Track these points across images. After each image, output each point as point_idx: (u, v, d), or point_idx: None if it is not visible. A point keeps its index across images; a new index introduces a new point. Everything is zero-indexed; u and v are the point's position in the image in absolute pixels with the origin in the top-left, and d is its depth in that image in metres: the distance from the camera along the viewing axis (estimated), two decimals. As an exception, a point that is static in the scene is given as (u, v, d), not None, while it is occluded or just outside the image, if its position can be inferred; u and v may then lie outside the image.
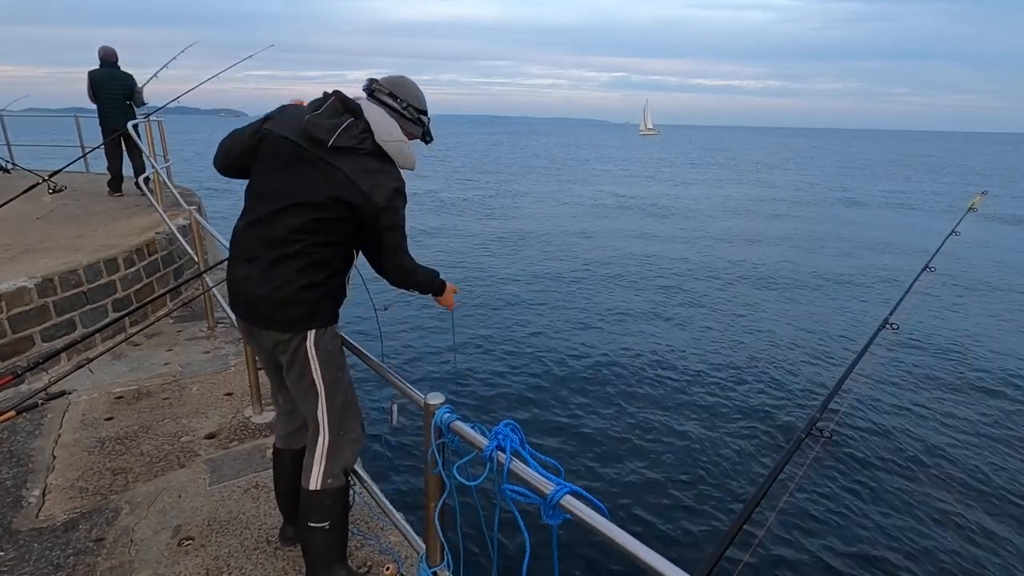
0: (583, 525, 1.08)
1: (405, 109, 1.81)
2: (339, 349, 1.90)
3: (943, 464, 5.05)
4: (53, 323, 3.77)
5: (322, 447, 1.84)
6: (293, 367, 1.81)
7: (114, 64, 6.82)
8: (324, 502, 1.84)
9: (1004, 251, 14.46)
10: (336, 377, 1.86)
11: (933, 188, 31.35)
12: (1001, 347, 7.97)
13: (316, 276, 1.74)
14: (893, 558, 3.90)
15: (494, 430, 1.29)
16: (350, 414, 1.91)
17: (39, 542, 2.27)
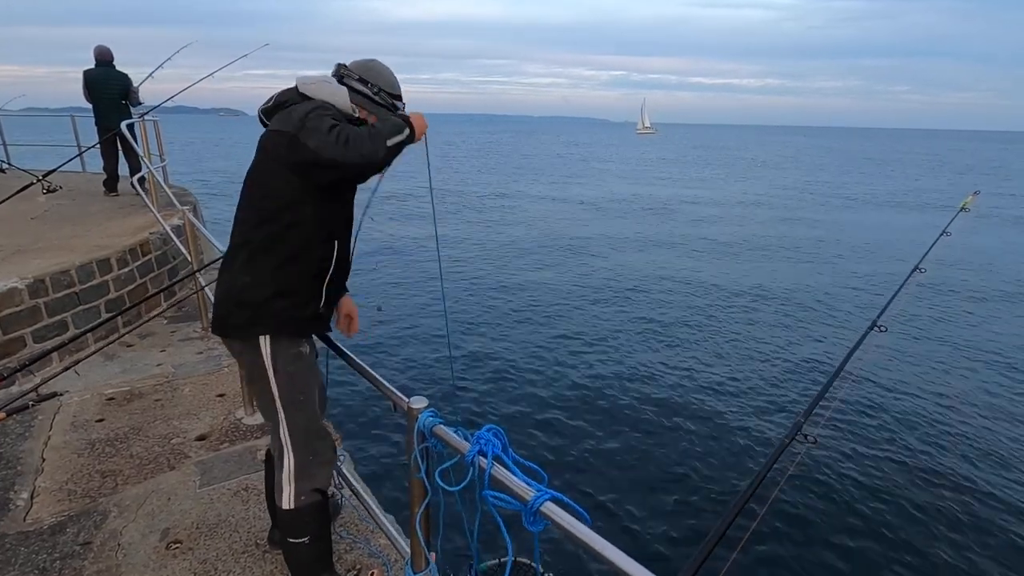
0: (567, 534, 1.06)
1: (377, 94, 1.69)
2: (304, 369, 1.71)
3: (930, 466, 5.04)
4: (44, 324, 3.75)
5: (288, 469, 1.73)
6: (252, 380, 1.71)
7: (109, 63, 6.81)
8: (300, 520, 1.76)
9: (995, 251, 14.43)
10: (297, 401, 1.69)
11: (930, 186, 31.35)
12: (990, 348, 7.95)
13: (259, 269, 1.58)
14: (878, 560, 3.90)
15: (476, 435, 1.28)
16: (317, 438, 1.78)
17: (25, 546, 2.25)
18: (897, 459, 5.13)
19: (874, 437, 5.47)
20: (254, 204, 1.60)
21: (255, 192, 1.61)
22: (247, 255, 1.59)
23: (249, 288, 1.58)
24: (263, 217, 1.57)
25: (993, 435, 5.57)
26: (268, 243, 1.57)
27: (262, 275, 1.58)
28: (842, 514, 4.35)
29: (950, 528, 4.26)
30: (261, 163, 1.60)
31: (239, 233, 1.63)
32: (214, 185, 25.16)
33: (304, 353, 1.71)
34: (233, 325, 1.63)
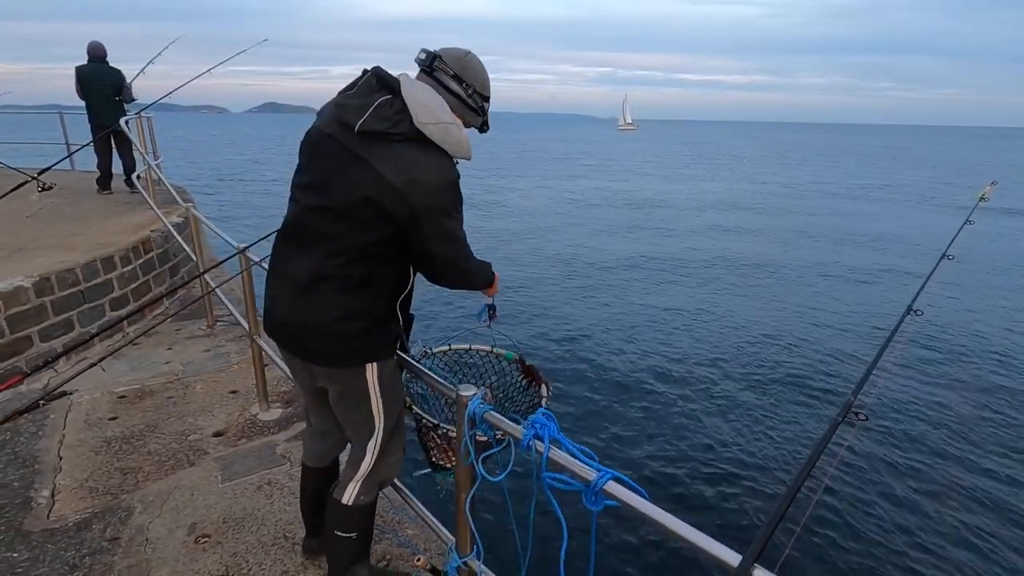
0: (628, 510, 1.10)
1: (471, 96, 1.53)
2: (400, 379, 1.76)
3: (976, 440, 5.33)
4: (51, 323, 3.71)
5: (364, 470, 1.75)
6: (345, 398, 1.68)
7: (102, 59, 6.70)
8: (354, 516, 1.79)
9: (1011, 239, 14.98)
10: (394, 409, 1.74)
11: (930, 181, 31.89)
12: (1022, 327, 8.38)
13: (354, 302, 1.51)
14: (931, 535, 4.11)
15: (530, 419, 1.31)
16: (397, 436, 1.82)
17: (52, 543, 2.25)
18: (944, 434, 5.43)
19: (920, 414, 5.79)
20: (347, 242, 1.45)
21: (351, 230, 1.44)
22: (340, 287, 1.49)
23: (343, 321, 1.52)
24: (361, 253, 1.46)
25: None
26: (364, 279, 1.50)
27: (358, 307, 1.52)
28: (896, 486, 4.59)
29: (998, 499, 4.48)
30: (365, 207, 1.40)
31: (326, 265, 1.48)
32: (206, 183, 24.93)
33: (396, 365, 1.73)
34: (328, 355, 1.58)
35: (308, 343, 1.58)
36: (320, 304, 1.52)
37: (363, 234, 1.44)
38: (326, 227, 1.47)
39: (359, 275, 1.49)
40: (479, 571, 1.61)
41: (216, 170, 31.04)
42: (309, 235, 1.51)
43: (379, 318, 1.58)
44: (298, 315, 1.55)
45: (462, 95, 1.52)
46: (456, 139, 1.44)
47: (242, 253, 2.92)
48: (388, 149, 1.39)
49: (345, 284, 1.49)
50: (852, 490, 4.49)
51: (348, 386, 1.65)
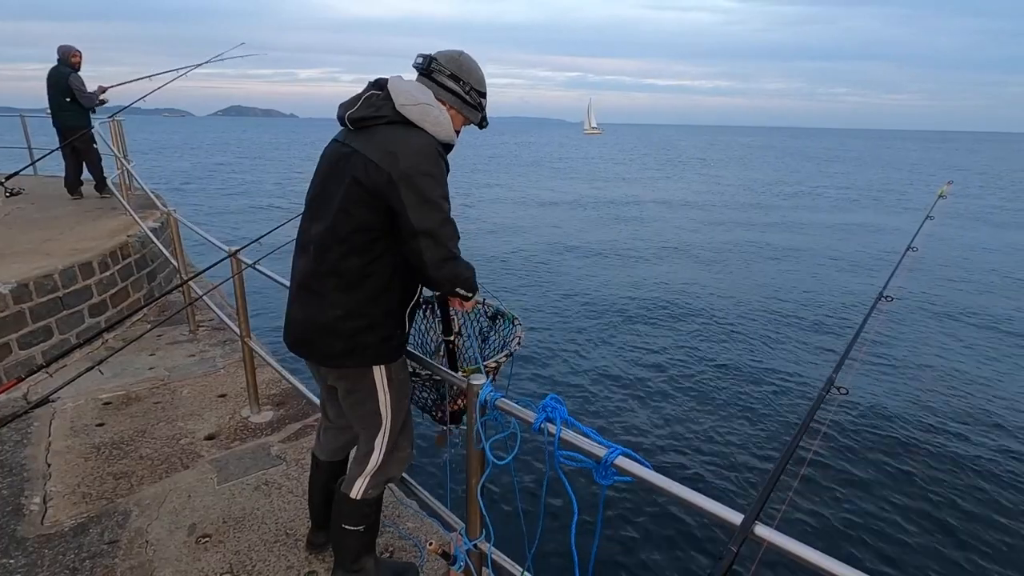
0: (640, 483, 1.20)
1: (468, 93, 1.58)
2: (406, 375, 1.78)
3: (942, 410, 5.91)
4: (29, 330, 3.64)
5: (373, 466, 1.78)
6: (353, 395, 1.71)
7: (61, 61, 6.45)
8: (362, 510, 1.83)
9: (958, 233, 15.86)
10: (402, 405, 1.77)
11: (888, 183, 33.17)
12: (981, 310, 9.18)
13: (355, 300, 1.54)
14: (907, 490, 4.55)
15: (541, 404, 1.40)
16: (405, 434, 1.85)
17: (49, 548, 2.24)
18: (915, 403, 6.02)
19: (894, 387, 6.37)
20: (341, 233, 1.49)
21: (344, 220, 1.48)
22: (339, 284, 1.53)
23: (343, 319, 1.55)
24: (353, 244, 1.49)
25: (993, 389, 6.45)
26: (361, 273, 1.52)
27: (357, 305, 1.54)
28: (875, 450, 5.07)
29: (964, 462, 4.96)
30: (352, 189, 1.46)
31: (324, 261, 1.53)
32: (176, 187, 24.34)
33: (404, 377, 1.76)
34: (329, 353, 1.61)
35: (312, 341, 1.62)
36: (321, 301, 1.56)
37: (353, 220, 1.47)
38: (324, 224, 1.53)
39: (356, 269, 1.51)
40: (489, 552, 1.68)
41: (185, 173, 30.35)
42: (312, 237, 1.57)
43: (381, 321, 1.59)
44: (302, 313, 1.61)
45: (460, 93, 1.57)
46: (435, 119, 1.48)
47: (234, 256, 2.93)
48: (372, 133, 1.47)
49: (344, 280, 1.52)
50: (839, 453, 4.94)
51: (354, 384, 1.68)
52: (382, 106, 1.47)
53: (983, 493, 4.57)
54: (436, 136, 1.50)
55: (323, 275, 1.54)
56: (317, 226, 1.56)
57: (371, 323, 1.58)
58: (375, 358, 1.63)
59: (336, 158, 1.53)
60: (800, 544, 0.97)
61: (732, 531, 1.04)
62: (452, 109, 1.58)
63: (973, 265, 12.48)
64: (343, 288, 1.54)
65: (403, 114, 1.46)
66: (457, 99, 1.58)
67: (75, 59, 6.46)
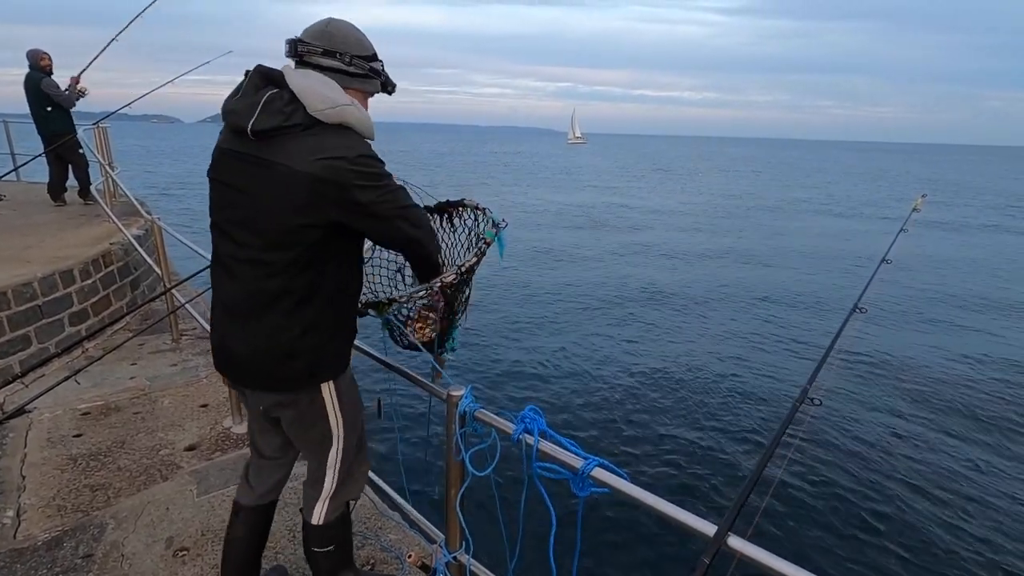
0: (613, 495, 1.20)
1: (350, 64, 1.37)
2: (356, 387, 1.69)
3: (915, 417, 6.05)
4: (7, 339, 3.58)
5: (329, 489, 1.68)
6: (300, 421, 1.59)
7: (32, 67, 6.35)
8: (327, 533, 1.73)
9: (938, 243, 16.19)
10: (355, 424, 1.65)
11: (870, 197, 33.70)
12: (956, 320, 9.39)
13: (311, 314, 1.43)
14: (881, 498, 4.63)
15: (520, 415, 1.40)
16: (361, 451, 1.75)
17: (21, 563, 2.19)
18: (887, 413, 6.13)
19: (867, 398, 6.46)
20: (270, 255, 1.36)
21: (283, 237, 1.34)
22: (280, 307, 1.40)
23: (300, 338, 1.42)
24: (302, 263, 1.36)
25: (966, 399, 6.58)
26: (312, 289, 1.40)
27: (312, 321, 1.43)
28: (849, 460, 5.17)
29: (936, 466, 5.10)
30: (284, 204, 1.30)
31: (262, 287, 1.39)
32: (164, 194, 24.16)
33: (352, 377, 1.65)
34: (284, 378, 1.46)
35: (266, 371, 1.46)
36: (269, 326, 1.41)
37: (289, 243, 1.34)
38: (251, 249, 1.38)
39: (305, 284, 1.39)
40: (468, 564, 1.67)
41: (177, 179, 30.21)
42: (238, 260, 1.41)
43: (331, 330, 1.48)
44: (243, 344, 1.45)
45: (340, 67, 1.37)
46: (355, 118, 1.33)
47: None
48: (287, 143, 1.29)
49: (294, 298, 1.39)
50: (811, 465, 5.01)
51: (303, 410, 1.56)
52: (291, 113, 1.29)
53: (954, 503, 4.63)
54: (363, 135, 1.37)
55: (269, 296, 1.39)
56: (247, 248, 1.38)
57: (331, 334, 1.49)
58: (324, 375, 1.51)
59: (246, 172, 1.35)
60: (772, 556, 0.97)
61: (705, 542, 1.05)
62: (349, 91, 1.39)
63: (945, 277, 12.71)
64: (295, 305, 1.40)
65: (319, 119, 1.29)
66: (341, 75, 1.37)
67: (44, 62, 6.32)
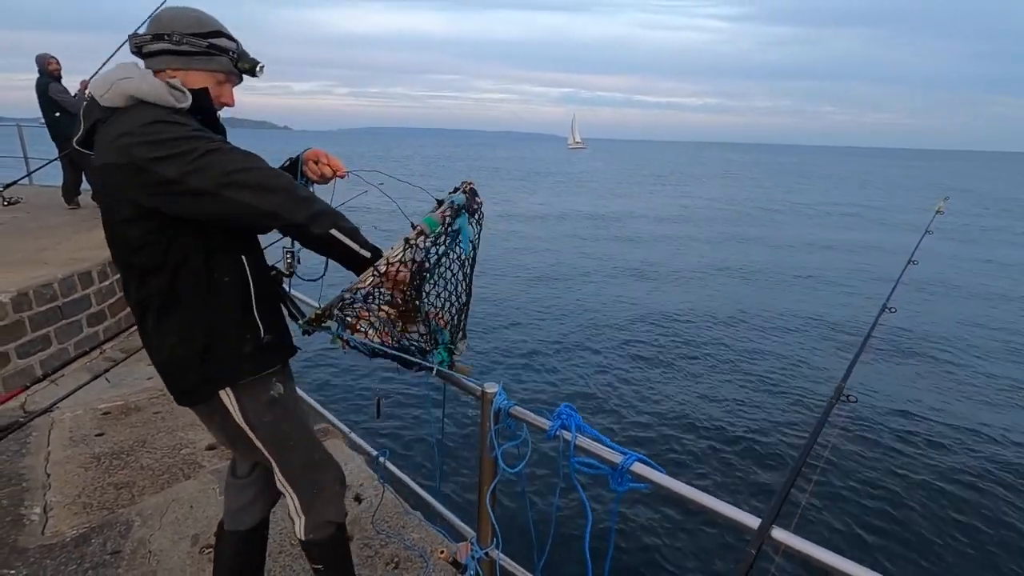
0: (657, 489, 1.23)
1: (181, 43, 1.27)
2: (282, 413, 1.48)
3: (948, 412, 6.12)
4: (28, 339, 3.62)
5: (294, 506, 1.60)
6: (221, 433, 1.50)
7: (40, 72, 6.38)
8: (313, 550, 1.65)
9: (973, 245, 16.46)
10: (286, 445, 1.49)
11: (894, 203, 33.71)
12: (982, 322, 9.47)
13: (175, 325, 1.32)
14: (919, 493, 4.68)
15: (556, 411, 1.43)
16: (318, 471, 1.59)
17: (51, 558, 2.21)
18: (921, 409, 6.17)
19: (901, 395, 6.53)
20: (126, 260, 1.31)
21: (121, 247, 1.31)
22: (155, 315, 1.32)
23: (177, 347, 1.33)
24: (146, 269, 1.28)
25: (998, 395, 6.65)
26: (168, 296, 1.30)
27: (182, 330, 1.32)
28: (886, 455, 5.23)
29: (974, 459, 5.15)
30: (106, 208, 1.29)
31: (132, 293, 1.35)
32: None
33: (277, 397, 1.46)
34: (186, 391, 1.40)
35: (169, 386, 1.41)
36: (152, 341, 1.36)
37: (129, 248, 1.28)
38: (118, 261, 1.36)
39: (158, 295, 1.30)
40: (498, 560, 1.70)
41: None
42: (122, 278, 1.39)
43: (216, 333, 1.34)
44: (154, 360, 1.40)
45: (170, 48, 1.27)
46: (144, 89, 1.21)
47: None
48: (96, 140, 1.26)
49: (157, 310, 1.31)
50: (849, 459, 5.06)
51: (217, 422, 1.47)
52: (91, 112, 1.26)
53: (997, 494, 4.68)
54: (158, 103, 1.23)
55: (140, 307, 1.34)
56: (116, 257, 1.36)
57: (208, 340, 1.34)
58: (218, 381, 1.37)
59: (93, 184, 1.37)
60: (817, 547, 1.00)
61: (749, 535, 1.07)
62: (179, 72, 1.30)
63: (972, 277, 12.81)
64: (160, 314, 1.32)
65: (108, 106, 1.22)
66: (176, 58, 1.28)
67: (52, 67, 6.37)
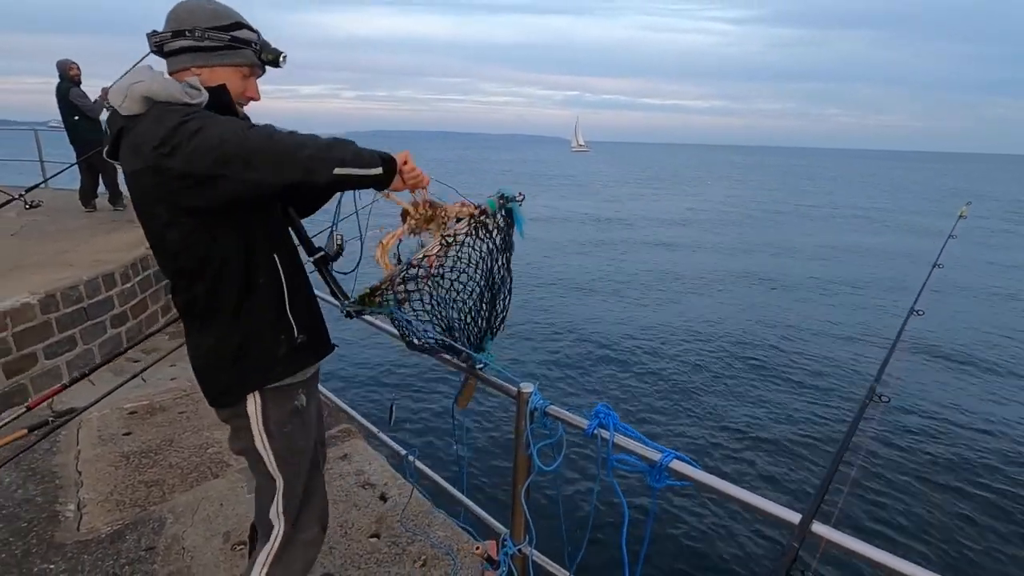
0: (697, 486, 1.27)
1: (203, 38, 1.24)
2: (299, 426, 1.45)
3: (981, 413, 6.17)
4: (55, 340, 3.69)
5: (270, 549, 1.49)
6: (234, 440, 1.45)
7: (60, 77, 6.49)
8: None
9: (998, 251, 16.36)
10: (295, 453, 1.45)
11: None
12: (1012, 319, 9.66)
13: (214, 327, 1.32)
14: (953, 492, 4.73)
15: (594, 410, 1.47)
16: (309, 508, 1.54)
17: (88, 554, 2.27)
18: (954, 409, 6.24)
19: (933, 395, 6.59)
20: (171, 266, 1.32)
21: (163, 253, 1.30)
22: (199, 320, 1.35)
23: (214, 350, 1.34)
24: (190, 276, 1.29)
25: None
26: (210, 300, 1.30)
27: (221, 333, 1.32)
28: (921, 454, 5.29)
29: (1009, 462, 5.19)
30: (144, 216, 1.27)
31: (178, 297, 1.37)
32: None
33: (300, 408, 1.44)
34: (214, 393, 1.40)
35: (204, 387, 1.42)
36: (195, 340, 1.38)
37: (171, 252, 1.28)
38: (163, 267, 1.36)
39: (201, 299, 1.30)
40: (531, 556, 1.73)
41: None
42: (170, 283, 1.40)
43: (256, 333, 1.33)
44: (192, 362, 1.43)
45: (193, 45, 1.24)
46: (155, 90, 1.18)
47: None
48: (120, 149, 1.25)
49: (199, 313, 1.33)
50: (885, 458, 5.13)
51: (234, 431, 1.44)
52: (114, 121, 1.24)
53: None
54: (170, 101, 1.19)
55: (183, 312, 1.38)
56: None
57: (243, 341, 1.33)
58: (248, 383, 1.35)
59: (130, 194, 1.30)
60: (859, 541, 1.03)
61: (789, 530, 1.11)
62: (203, 70, 1.27)
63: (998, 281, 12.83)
64: (204, 318, 1.33)
65: (128, 114, 1.20)
66: (199, 55, 1.25)
67: (73, 72, 6.47)
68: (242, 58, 1.29)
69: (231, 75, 1.29)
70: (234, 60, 1.28)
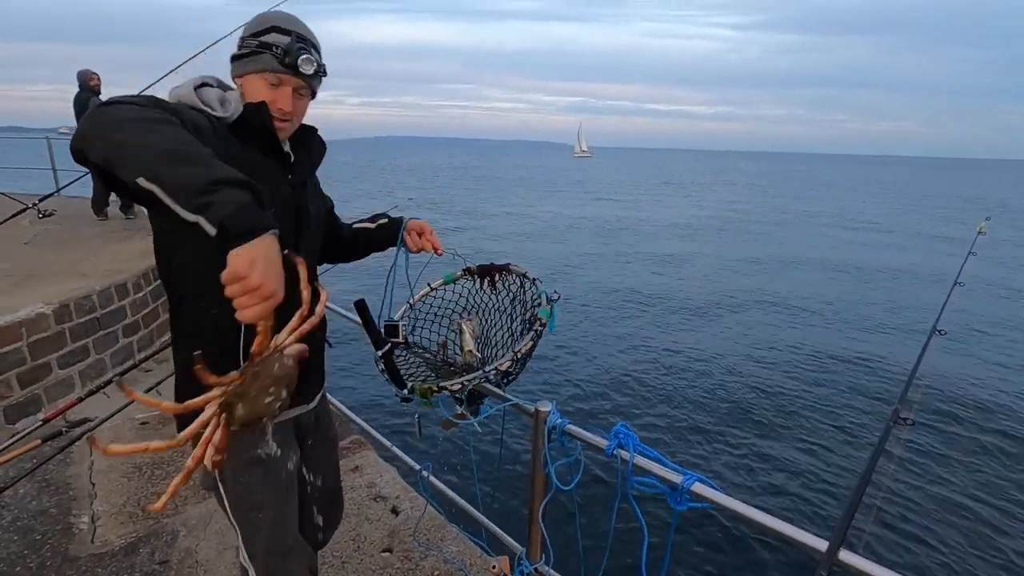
0: (719, 509, 1.25)
1: (241, 48, 1.23)
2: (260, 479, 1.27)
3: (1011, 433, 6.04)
4: (69, 350, 3.71)
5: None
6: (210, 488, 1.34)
7: (80, 87, 6.59)
8: None
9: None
10: (251, 507, 1.27)
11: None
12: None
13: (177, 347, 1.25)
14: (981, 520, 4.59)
15: (614, 430, 1.46)
16: (286, 559, 1.33)
17: (102, 567, 2.27)
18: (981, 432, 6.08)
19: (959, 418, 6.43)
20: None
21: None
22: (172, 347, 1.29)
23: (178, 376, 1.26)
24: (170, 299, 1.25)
25: None
26: (171, 320, 1.26)
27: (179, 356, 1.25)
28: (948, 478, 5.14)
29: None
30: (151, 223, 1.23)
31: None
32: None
33: (265, 458, 1.26)
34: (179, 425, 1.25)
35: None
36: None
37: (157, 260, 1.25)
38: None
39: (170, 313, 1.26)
40: (548, 575, 1.72)
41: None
42: None
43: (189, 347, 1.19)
44: None
45: (235, 54, 1.24)
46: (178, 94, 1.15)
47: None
48: None
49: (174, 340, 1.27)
50: (911, 482, 5.02)
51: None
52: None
53: None
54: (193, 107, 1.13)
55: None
56: None
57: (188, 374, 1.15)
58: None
59: None
60: (886, 570, 1.02)
61: (816, 557, 1.09)
62: (239, 79, 1.24)
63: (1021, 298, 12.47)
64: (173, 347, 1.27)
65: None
66: (234, 64, 1.24)
67: (93, 82, 6.56)
68: (262, 64, 1.19)
69: (259, 84, 1.20)
70: (255, 66, 1.20)
